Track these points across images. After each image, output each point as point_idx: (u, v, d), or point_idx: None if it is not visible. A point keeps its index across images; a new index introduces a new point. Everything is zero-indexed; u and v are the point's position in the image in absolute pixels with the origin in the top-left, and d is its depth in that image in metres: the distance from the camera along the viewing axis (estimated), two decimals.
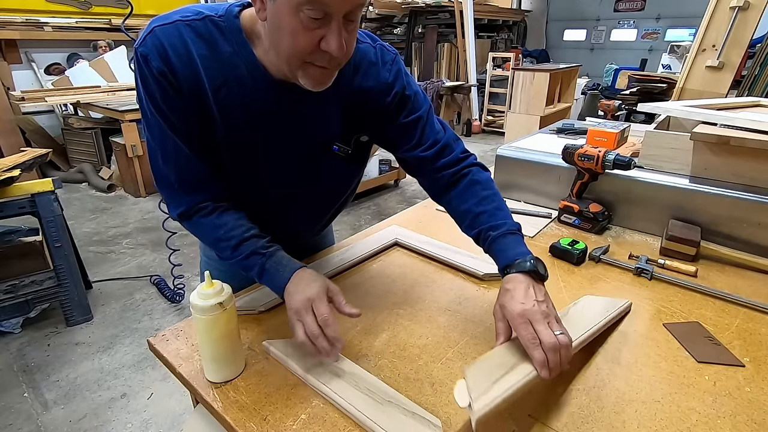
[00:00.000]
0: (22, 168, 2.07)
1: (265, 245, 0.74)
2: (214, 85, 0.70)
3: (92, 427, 1.69)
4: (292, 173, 0.83)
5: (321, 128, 0.80)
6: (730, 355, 0.73)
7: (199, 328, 0.65)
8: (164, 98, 0.69)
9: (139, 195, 4.07)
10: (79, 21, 5.00)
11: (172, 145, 0.73)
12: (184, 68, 0.68)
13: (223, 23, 0.70)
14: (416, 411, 0.61)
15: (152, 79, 0.68)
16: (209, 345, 0.65)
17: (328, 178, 0.88)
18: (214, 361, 0.67)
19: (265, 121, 0.75)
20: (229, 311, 0.64)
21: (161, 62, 0.66)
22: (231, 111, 0.72)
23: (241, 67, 0.70)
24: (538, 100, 5.01)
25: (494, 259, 0.75)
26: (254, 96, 0.72)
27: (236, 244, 0.73)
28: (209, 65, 0.69)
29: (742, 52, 2.08)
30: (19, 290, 2.12)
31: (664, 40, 7.95)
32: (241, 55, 0.70)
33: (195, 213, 0.76)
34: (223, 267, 0.96)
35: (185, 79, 0.68)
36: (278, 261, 0.73)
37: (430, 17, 7.28)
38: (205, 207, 0.76)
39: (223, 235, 0.74)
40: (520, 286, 0.66)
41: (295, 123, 0.77)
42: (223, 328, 0.64)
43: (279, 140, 0.78)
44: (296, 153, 0.81)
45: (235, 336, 0.67)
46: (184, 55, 0.67)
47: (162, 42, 0.66)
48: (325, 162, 0.84)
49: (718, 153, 1.06)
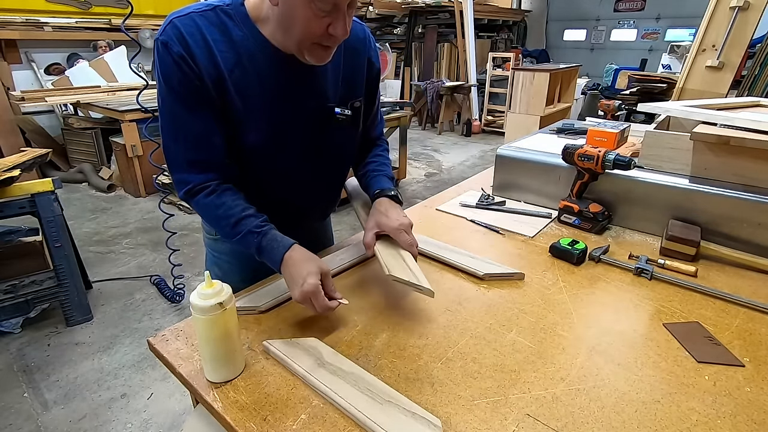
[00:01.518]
0: (22, 168, 2.07)
1: (260, 224, 0.82)
2: (228, 66, 0.79)
3: (92, 427, 1.69)
4: (305, 143, 0.92)
5: (324, 94, 0.90)
6: (730, 355, 0.73)
7: (199, 328, 0.65)
8: (183, 81, 0.77)
9: (139, 195, 4.07)
10: (79, 21, 5.00)
11: (187, 127, 0.81)
12: (202, 53, 0.76)
13: (231, 11, 0.79)
14: (416, 411, 0.61)
15: (172, 63, 0.76)
16: (209, 345, 0.65)
17: (334, 145, 0.97)
18: (214, 361, 0.67)
19: (278, 93, 0.84)
20: (229, 311, 0.64)
21: (181, 47, 0.75)
22: (246, 87, 0.81)
23: (252, 47, 0.80)
24: (538, 100, 5.01)
25: (369, 187, 0.99)
26: (266, 70, 0.82)
27: (234, 223, 0.82)
28: (223, 48, 0.78)
29: (742, 52, 2.08)
30: (19, 290, 2.12)
31: (664, 40, 7.95)
32: (251, 36, 0.80)
33: (198, 192, 0.83)
34: (228, 260, 1.06)
35: (204, 63, 0.76)
36: (273, 238, 0.81)
37: (430, 17, 7.29)
38: (208, 186, 0.83)
39: (222, 213, 0.82)
40: (391, 208, 0.91)
41: (303, 92, 0.87)
42: (223, 328, 0.64)
43: (291, 109, 0.87)
44: (306, 120, 0.89)
45: (235, 336, 0.67)
46: (201, 41, 0.76)
47: (181, 30, 0.75)
48: (330, 129, 0.93)
49: (718, 153, 1.06)
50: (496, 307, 0.86)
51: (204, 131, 0.81)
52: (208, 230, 1.07)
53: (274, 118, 0.86)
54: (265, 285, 0.91)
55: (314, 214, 1.11)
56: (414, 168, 5.03)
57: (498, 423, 0.61)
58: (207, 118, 0.80)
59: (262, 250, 0.81)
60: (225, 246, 1.05)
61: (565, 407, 0.63)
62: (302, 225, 1.04)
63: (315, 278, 0.75)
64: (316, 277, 0.75)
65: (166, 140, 0.83)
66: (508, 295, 0.90)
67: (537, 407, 0.63)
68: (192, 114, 0.80)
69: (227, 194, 0.84)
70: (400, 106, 4.23)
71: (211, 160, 0.84)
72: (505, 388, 0.66)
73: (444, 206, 1.34)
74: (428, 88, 6.71)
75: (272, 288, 0.90)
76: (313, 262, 0.78)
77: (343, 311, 0.84)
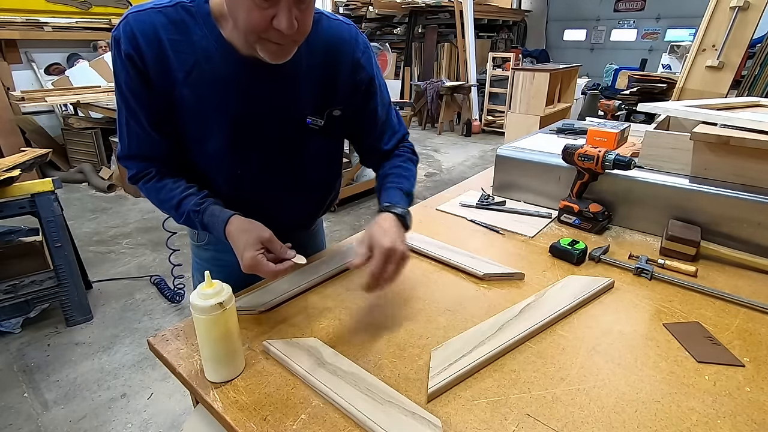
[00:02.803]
0: (22, 168, 2.07)
1: (198, 202, 0.81)
2: (185, 67, 0.75)
3: (92, 427, 1.69)
4: (271, 152, 0.87)
5: (293, 101, 0.84)
6: (730, 355, 0.73)
7: (199, 328, 0.65)
8: (127, 80, 0.76)
9: (139, 195, 4.06)
10: (79, 21, 5.00)
11: (129, 123, 0.81)
12: (151, 53, 0.73)
13: (193, 8, 0.75)
14: (416, 411, 0.61)
15: (120, 61, 0.74)
16: (209, 345, 0.65)
17: (309, 156, 0.91)
18: (214, 361, 0.67)
19: (238, 98, 0.79)
20: (229, 311, 0.64)
21: (129, 46, 0.73)
22: (204, 90, 0.77)
23: (211, 47, 0.75)
24: (538, 100, 5.01)
25: (379, 198, 0.88)
26: (225, 72, 0.77)
27: (176, 205, 0.82)
28: (180, 48, 0.75)
29: (742, 52, 2.08)
30: (19, 290, 2.12)
31: (664, 40, 7.95)
32: (210, 36, 0.75)
33: (141, 178, 0.85)
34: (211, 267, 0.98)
35: (152, 64, 0.74)
36: (212, 214, 0.80)
37: (430, 17, 7.29)
38: (150, 172, 0.84)
39: (164, 197, 0.83)
40: (392, 227, 0.78)
41: (267, 97, 0.81)
42: (223, 328, 0.64)
43: (253, 116, 0.82)
44: (271, 128, 0.84)
45: (235, 336, 0.67)
46: (153, 40, 0.73)
47: (132, 28, 0.73)
48: (302, 139, 0.88)
49: (718, 153, 1.06)
50: (496, 307, 0.86)
51: (145, 131, 0.80)
52: (191, 236, 1.05)
53: (236, 124, 0.81)
54: (265, 285, 0.91)
55: (293, 228, 1.03)
56: None
57: (498, 423, 0.61)
58: (150, 118, 0.79)
59: (206, 227, 0.80)
60: (207, 253, 1.03)
61: (565, 407, 0.63)
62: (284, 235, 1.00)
63: (252, 250, 0.73)
64: (253, 248, 0.73)
65: (118, 127, 0.84)
66: (508, 295, 0.90)
67: (537, 407, 0.63)
68: (134, 113, 0.79)
69: (168, 178, 0.84)
70: (400, 106, 4.24)
71: (153, 156, 0.84)
72: (505, 388, 0.66)
73: (444, 206, 1.34)
74: (428, 88, 6.71)
75: (272, 288, 0.90)
76: (250, 233, 0.75)
77: (344, 312, 0.84)
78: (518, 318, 0.80)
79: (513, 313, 0.81)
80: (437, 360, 0.70)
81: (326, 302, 0.88)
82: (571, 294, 0.87)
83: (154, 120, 0.80)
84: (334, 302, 0.87)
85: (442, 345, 0.73)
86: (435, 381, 0.66)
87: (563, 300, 0.85)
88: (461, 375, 0.67)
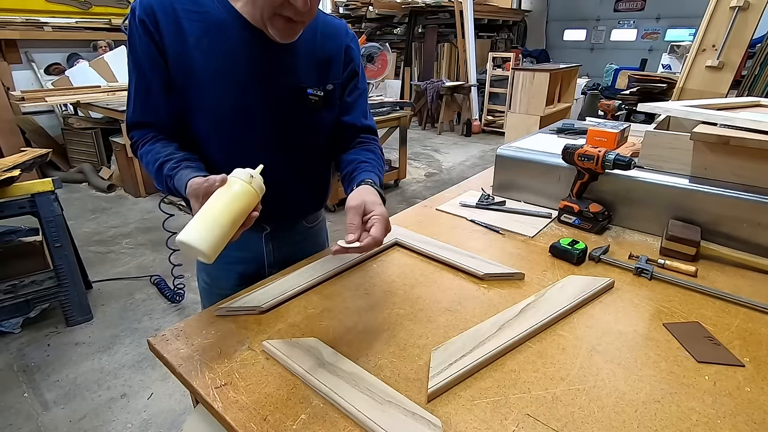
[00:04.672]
0: (22, 168, 2.07)
1: (172, 167, 0.81)
2: (196, 35, 0.81)
3: (92, 427, 1.69)
4: (273, 122, 0.90)
5: (296, 74, 0.89)
6: (730, 355, 0.73)
7: (220, 190, 0.68)
8: (139, 42, 0.81)
9: (139, 195, 4.07)
10: (79, 21, 5.00)
11: (138, 89, 0.85)
12: (165, 18, 0.80)
13: None
14: (416, 411, 0.61)
15: (133, 26, 0.80)
16: (218, 206, 0.67)
17: (306, 132, 0.95)
18: (206, 219, 0.65)
19: (246, 65, 0.85)
20: (252, 190, 0.70)
21: (143, 12, 0.79)
22: (214, 57, 0.83)
23: (223, 18, 0.82)
24: (538, 100, 5.02)
25: (354, 179, 0.88)
26: (235, 41, 0.83)
27: (157, 168, 0.83)
28: (192, 18, 0.81)
29: (742, 52, 2.08)
30: (19, 290, 2.13)
31: (664, 40, 7.96)
32: (222, 7, 0.82)
33: (140, 143, 0.87)
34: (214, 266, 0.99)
35: (165, 27, 0.80)
36: (179, 178, 0.79)
37: (430, 17, 7.29)
38: (147, 137, 0.87)
39: (150, 158, 0.84)
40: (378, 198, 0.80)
41: (272, 67, 0.87)
42: (237, 197, 0.68)
43: (258, 84, 0.87)
44: (276, 98, 0.89)
45: (239, 213, 0.68)
46: (168, 8, 0.80)
47: (151, 2, 0.80)
48: (301, 112, 0.92)
49: (718, 153, 1.06)
50: (496, 307, 0.86)
51: (152, 97, 0.84)
52: None
53: (242, 91, 0.86)
54: (265, 285, 0.91)
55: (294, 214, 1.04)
56: (414, 168, 5.03)
57: (498, 423, 0.61)
58: (157, 83, 0.83)
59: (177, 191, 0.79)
60: None
61: (565, 407, 0.63)
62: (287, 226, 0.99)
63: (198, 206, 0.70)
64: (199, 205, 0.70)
65: (127, 96, 0.88)
66: (508, 295, 0.90)
67: (537, 407, 0.63)
68: (144, 77, 0.83)
69: (160, 141, 0.86)
70: (400, 106, 4.23)
71: (155, 123, 0.87)
72: (505, 388, 0.66)
73: (444, 206, 1.34)
74: (428, 88, 6.71)
75: (272, 288, 0.90)
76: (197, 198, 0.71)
77: (344, 312, 0.84)
78: (518, 318, 0.80)
79: (513, 313, 0.81)
80: (437, 360, 0.70)
81: (326, 302, 0.88)
82: (571, 294, 0.87)
83: (163, 83, 0.84)
84: (334, 302, 0.87)
85: (442, 345, 0.73)
86: (435, 381, 0.66)
87: (563, 300, 0.85)
88: (461, 375, 0.67)
